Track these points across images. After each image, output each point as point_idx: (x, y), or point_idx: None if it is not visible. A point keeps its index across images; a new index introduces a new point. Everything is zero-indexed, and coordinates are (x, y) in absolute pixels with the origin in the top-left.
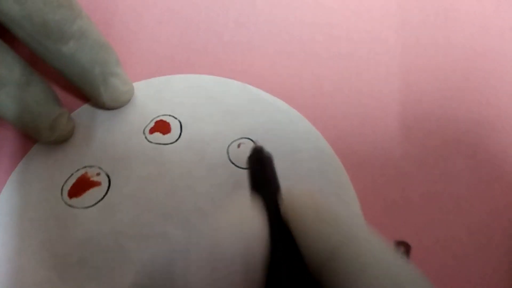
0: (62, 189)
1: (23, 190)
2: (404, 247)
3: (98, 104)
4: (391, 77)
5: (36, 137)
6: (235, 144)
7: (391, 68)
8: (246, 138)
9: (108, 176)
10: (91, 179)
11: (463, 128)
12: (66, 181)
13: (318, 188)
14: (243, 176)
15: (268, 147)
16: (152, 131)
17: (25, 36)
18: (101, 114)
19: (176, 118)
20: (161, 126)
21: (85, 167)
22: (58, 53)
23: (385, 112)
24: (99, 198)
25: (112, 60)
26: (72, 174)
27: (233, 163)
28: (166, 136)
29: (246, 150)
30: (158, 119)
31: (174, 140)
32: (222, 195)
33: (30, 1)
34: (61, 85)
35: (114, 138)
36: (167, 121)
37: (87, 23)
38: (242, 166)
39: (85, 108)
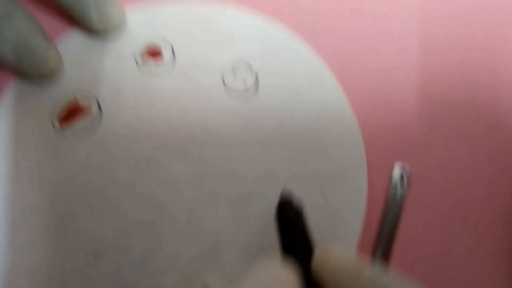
0: (52, 117)
1: (12, 119)
2: (404, 169)
3: (88, 28)
4: (408, 10)
5: (21, 73)
6: (231, 70)
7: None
8: (242, 62)
9: (99, 104)
10: (81, 108)
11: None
12: (55, 109)
13: (317, 112)
14: (240, 104)
15: (266, 75)
16: (143, 56)
17: None
18: (90, 40)
19: (168, 42)
20: (153, 51)
21: (75, 95)
22: None
23: (393, 41)
24: (90, 126)
25: None
26: (62, 101)
27: (228, 89)
28: (157, 61)
29: (242, 76)
30: (150, 44)
31: (166, 65)
32: (218, 124)
33: None
34: (46, 11)
35: (103, 65)
36: (159, 47)
37: None
38: (238, 94)
39: (74, 34)
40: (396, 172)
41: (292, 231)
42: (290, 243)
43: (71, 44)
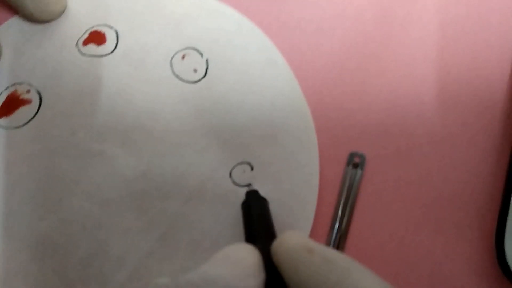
0: None
1: None
2: (359, 158)
3: (26, 16)
4: None
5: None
6: (179, 55)
7: None
8: (191, 48)
9: (39, 93)
10: (21, 97)
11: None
12: None
13: (269, 99)
14: (189, 90)
15: (215, 58)
16: (85, 42)
17: None
18: (31, 27)
19: (112, 28)
20: (96, 37)
21: (14, 84)
22: None
23: (346, 23)
24: (31, 116)
25: None
26: (1, 93)
27: (177, 76)
28: (101, 47)
29: (192, 62)
30: (93, 29)
31: (110, 51)
32: (166, 111)
33: None
34: None
35: (44, 52)
36: (102, 31)
37: None
38: (188, 80)
39: (13, 21)
40: (350, 159)
41: (258, 218)
42: (254, 229)
43: (9, 33)
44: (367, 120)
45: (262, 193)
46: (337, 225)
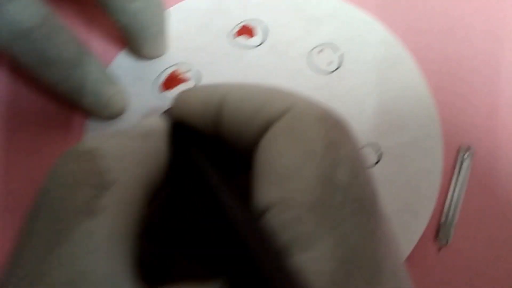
0: (155, 84)
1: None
2: (470, 150)
3: (136, 54)
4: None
5: (90, 113)
6: (316, 49)
7: None
8: (327, 44)
9: (197, 74)
10: (181, 75)
11: None
12: (158, 77)
13: (397, 91)
14: (324, 80)
15: (350, 55)
16: (238, 34)
17: None
18: (192, 17)
19: (261, 23)
20: (247, 30)
21: (175, 64)
22: (124, 10)
23: (475, 25)
24: None
25: (165, 19)
26: (164, 71)
27: (314, 67)
28: (251, 39)
29: (327, 56)
30: (244, 23)
31: (258, 43)
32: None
33: None
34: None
35: (202, 40)
36: (253, 25)
37: None
38: (322, 71)
39: (178, 7)
40: (462, 153)
41: None
42: None
43: (174, 19)
44: (482, 115)
45: (388, 173)
46: (447, 211)
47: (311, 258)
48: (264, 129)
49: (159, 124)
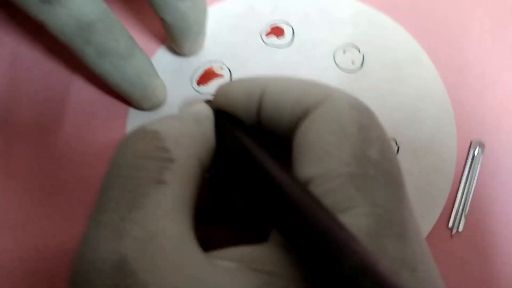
0: (191, 78)
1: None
2: (481, 146)
3: (176, 50)
4: None
5: (132, 103)
6: (341, 49)
7: None
8: (351, 45)
9: (230, 70)
10: (216, 71)
11: None
12: (195, 72)
13: (415, 89)
14: (347, 78)
15: (372, 56)
16: (268, 34)
17: None
18: (226, 18)
19: (289, 25)
20: (276, 31)
21: (210, 61)
22: (174, 9)
23: (491, 31)
24: None
25: (206, 19)
26: (199, 67)
27: (338, 66)
28: (280, 39)
29: (350, 55)
30: (274, 24)
31: (287, 43)
32: None
33: None
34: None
35: (235, 39)
36: (281, 26)
37: None
38: (346, 70)
39: (214, 9)
40: (474, 147)
41: None
42: None
43: (211, 20)
44: (494, 112)
45: (405, 165)
46: (459, 201)
47: (351, 216)
48: (303, 116)
49: (208, 111)
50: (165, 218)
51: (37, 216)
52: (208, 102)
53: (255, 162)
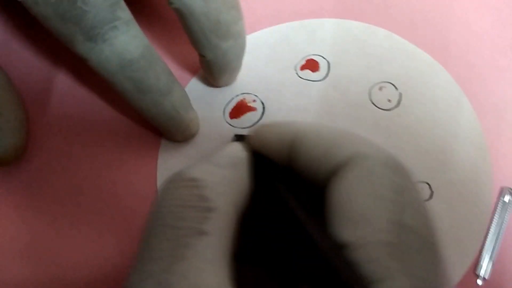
0: (224, 110)
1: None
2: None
3: (210, 82)
4: None
5: (166, 135)
6: (377, 86)
7: None
8: (388, 82)
9: (263, 103)
10: (248, 104)
11: None
12: (227, 104)
13: (452, 132)
14: (382, 117)
15: (409, 94)
16: (302, 68)
17: (195, 29)
18: (260, 48)
19: (325, 58)
20: (311, 64)
21: (243, 93)
22: (216, 47)
23: None
24: (255, 121)
25: (244, 54)
26: (232, 99)
27: (374, 104)
28: (315, 73)
29: (387, 93)
30: (309, 57)
31: (322, 78)
32: (362, 131)
33: (212, 0)
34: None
35: (269, 71)
36: (317, 60)
37: (243, 24)
38: (382, 108)
39: (248, 39)
40: (503, 195)
41: None
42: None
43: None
44: None
45: (439, 210)
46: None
47: (387, 287)
48: (335, 169)
49: (243, 153)
50: (206, 270)
51: (62, 245)
52: (239, 137)
53: (292, 216)
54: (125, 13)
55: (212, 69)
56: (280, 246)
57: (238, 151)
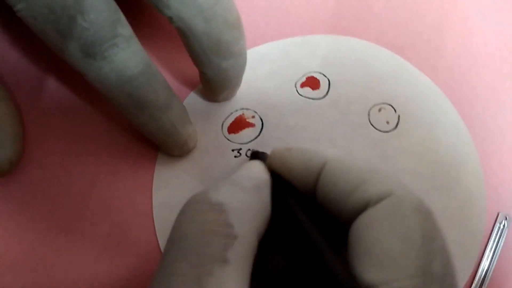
0: (222, 125)
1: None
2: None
3: (209, 97)
4: None
5: (163, 149)
6: (377, 107)
7: None
8: (387, 104)
9: (262, 120)
10: (247, 120)
11: None
12: (226, 118)
13: (448, 157)
14: (380, 138)
15: (406, 116)
16: (303, 85)
17: (196, 48)
18: (260, 64)
19: (325, 76)
20: (312, 82)
21: (242, 109)
22: (217, 66)
23: None
24: (253, 137)
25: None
26: (231, 114)
27: (372, 125)
28: (315, 91)
29: (386, 114)
30: (309, 75)
31: (322, 96)
32: (360, 152)
33: (214, 21)
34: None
35: (268, 87)
36: (317, 78)
37: (244, 43)
38: (380, 129)
39: (249, 53)
40: (500, 220)
41: None
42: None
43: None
44: None
45: None
46: (481, 274)
47: None
48: (364, 206)
49: (266, 175)
50: None
51: (55, 258)
52: (257, 153)
53: (313, 247)
54: (125, 29)
55: (212, 86)
56: (296, 275)
57: (261, 172)
